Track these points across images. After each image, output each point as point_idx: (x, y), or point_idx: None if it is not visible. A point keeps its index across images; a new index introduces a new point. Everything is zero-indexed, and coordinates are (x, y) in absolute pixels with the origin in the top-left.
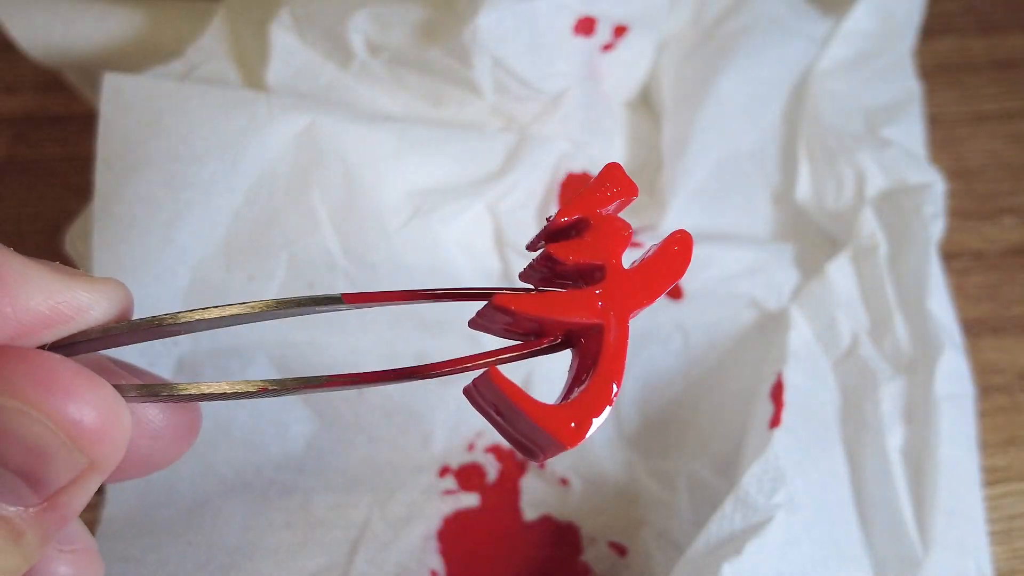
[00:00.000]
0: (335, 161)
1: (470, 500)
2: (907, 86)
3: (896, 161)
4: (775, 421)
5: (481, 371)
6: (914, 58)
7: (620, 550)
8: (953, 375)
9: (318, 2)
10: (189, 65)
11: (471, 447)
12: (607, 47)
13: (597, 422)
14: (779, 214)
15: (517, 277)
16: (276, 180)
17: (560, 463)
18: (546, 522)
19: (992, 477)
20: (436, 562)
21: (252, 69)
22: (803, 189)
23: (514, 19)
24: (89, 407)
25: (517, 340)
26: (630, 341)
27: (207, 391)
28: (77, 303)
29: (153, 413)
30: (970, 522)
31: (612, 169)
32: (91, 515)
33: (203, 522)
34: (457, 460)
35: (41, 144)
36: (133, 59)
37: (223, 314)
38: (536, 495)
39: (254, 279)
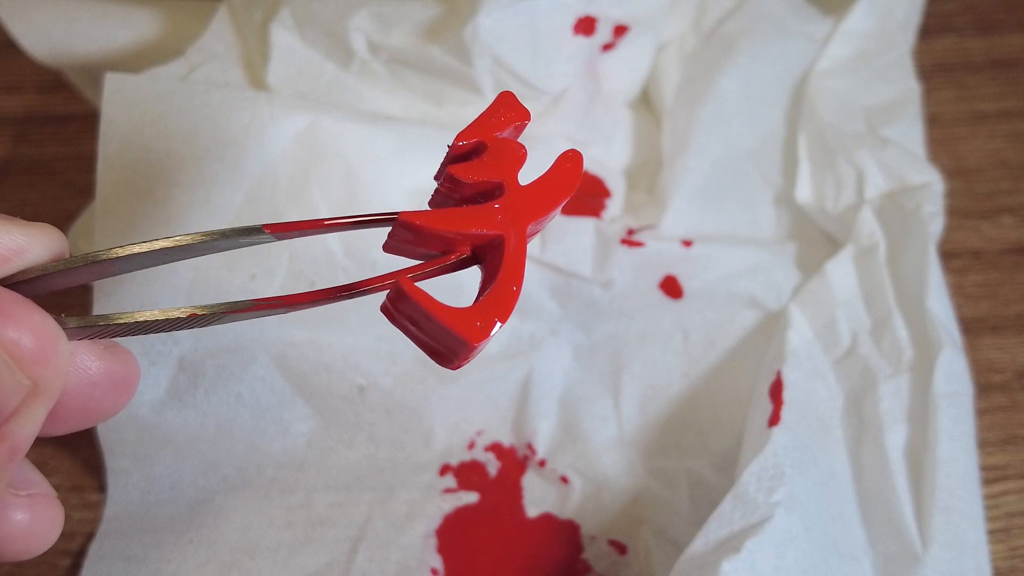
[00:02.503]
0: (336, 160)
1: (471, 498)
2: (906, 86)
3: (896, 160)
4: (774, 419)
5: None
6: (913, 58)
7: (620, 548)
8: (952, 374)
9: (318, 2)
10: (190, 65)
11: (471, 445)
12: (607, 47)
13: (501, 322)
14: (779, 214)
15: (427, 204)
16: (277, 179)
17: (560, 462)
18: (546, 520)
19: (991, 475)
20: (436, 560)
21: (253, 69)
22: (803, 189)
23: (514, 18)
24: (27, 330)
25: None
26: (630, 340)
27: (140, 319)
28: (13, 245)
29: (90, 360)
30: (969, 520)
31: (505, 97)
32: (92, 514)
33: (205, 520)
34: (457, 458)
35: (43, 143)
36: (134, 59)
37: (151, 248)
38: (536, 493)
39: (256, 278)
